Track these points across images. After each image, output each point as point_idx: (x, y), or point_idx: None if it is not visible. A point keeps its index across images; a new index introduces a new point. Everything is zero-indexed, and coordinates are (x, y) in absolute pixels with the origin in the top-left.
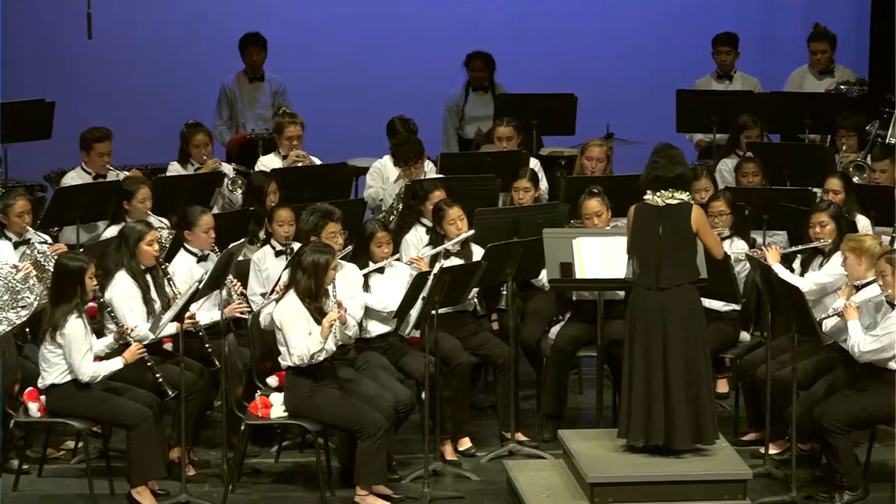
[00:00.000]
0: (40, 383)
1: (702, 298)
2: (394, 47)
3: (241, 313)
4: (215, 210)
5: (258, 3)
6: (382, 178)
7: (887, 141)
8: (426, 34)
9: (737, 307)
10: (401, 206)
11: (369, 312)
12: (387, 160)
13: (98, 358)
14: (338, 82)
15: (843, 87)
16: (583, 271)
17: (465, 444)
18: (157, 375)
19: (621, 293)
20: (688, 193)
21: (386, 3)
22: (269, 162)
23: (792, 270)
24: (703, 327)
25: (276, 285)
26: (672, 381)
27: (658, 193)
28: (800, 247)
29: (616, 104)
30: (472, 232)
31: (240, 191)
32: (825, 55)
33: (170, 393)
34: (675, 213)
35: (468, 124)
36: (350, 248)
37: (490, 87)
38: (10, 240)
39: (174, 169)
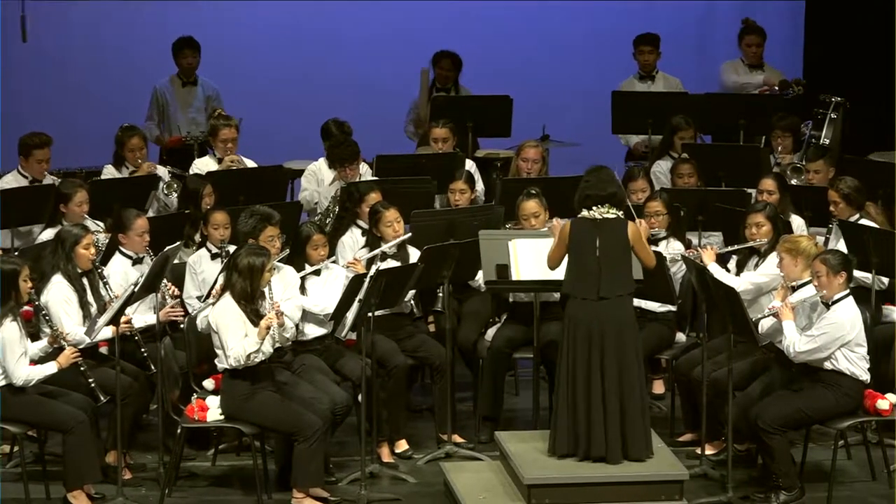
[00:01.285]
0: None
1: (638, 299)
2: (328, 50)
3: (176, 316)
4: (150, 213)
5: (192, 6)
6: (318, 180)
7: (821, 142)
8: (360, 37)
9: (672, 308)
10: (337, 209)
11: (306, 315)
12: (322, 163)
13: (33, 362)
14: (273, 85)
15: (776, 88)
16: (519, 273)
17: (402, 446)
18: (90, 380)
19: (557, 295)
20: (622, 212)
21: (319, 7)
22: (203, 165)
23: (728, 271)
24: (637, 339)
25: (212, 288)
26: (608, 394)
27: (593, 209)
28: (735, 247)
29: (552, 106)
30: (408, 234)
31: (175, 194)
32: (759, 49)
33: (102, 398)
34: (611, 227)
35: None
36: (286, 250)
37: (454, 89)
38: None
39: (108, 172)
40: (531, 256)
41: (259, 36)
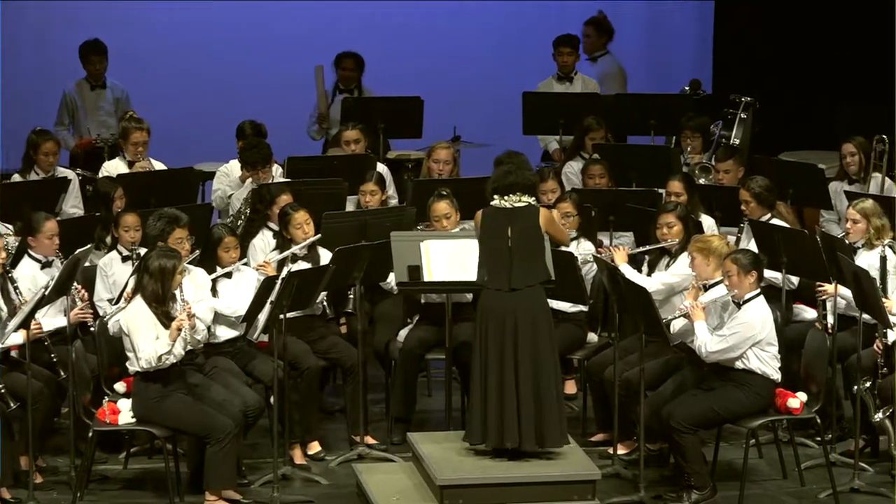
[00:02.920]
0: None
1: (550, 300)
2: (237, 51)
3: (85, 317)
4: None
5: (102, 8)
6: (230, 180)
7: (731, 142)
8: (271, 39)
9: (584, 308)
10: (248, 211)
11: (217, 317)
12: (234, 164)
13: None
14: (182, 87)
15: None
16: (431, 274)
17: (315, 447)
18: (0, 387)
19: (469, 296)
20: (534, 198)
21: (228, 8)
22: (113, 168)
23: (639, 271)
24: (551, 329)
25: (123, 291)
26: (522, 384)
27: (505, 197)
28: (647, 247)
29: (463, 107)
30: (318, 236)
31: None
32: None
33: (11, 405)
34: (523, 215)
35: (332, 128)
36: (197, 252)
37: (358, 90)
38: None
39: (17, 175)
40: (443, 257)
41: (168, 37)
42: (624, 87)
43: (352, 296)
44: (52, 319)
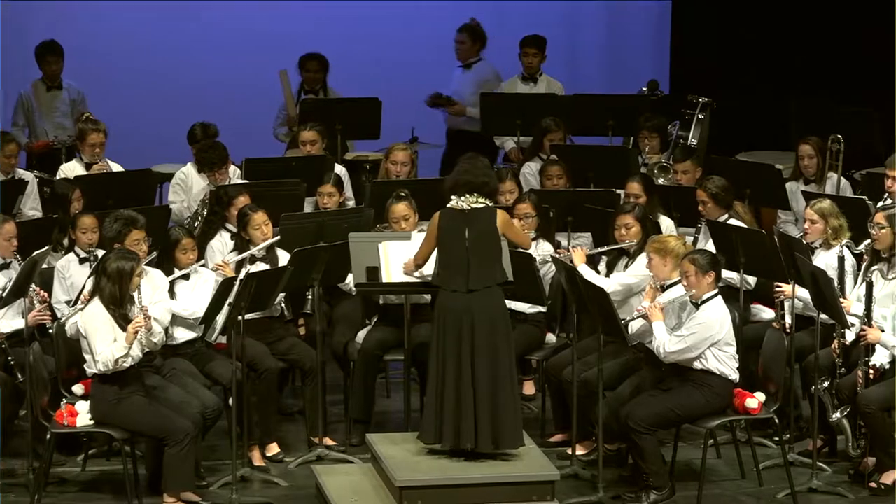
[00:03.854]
0: None
1: (508, 300)
2: (194, 52)
3: (43, 319)
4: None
5: (57, 9)
6: (185, 188)
7: (689, 142)
8: (228, 39)
9: (542, 309)
10: (205, 212)
11: (175, 319)
12: (190, 167)
13: None
14: (140, 88)
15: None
16: (389, 275)
17: (273, 449)
18: None
19: (428, 297)
20: (491, 200)
21: (184, 9)
22: (70, 169)
23: (597, 272)
24: (509, 330)
25: (80, 293)
26: (479, 385)
27: (462, 198)
28: (605, 248)
29: (421, 108)
30: (277, 237)
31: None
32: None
33: None
34: (480, 217)
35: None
36: (155, 254)
37: (323, 91)
38: None
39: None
40: (401, 258)
41: (124, 38)
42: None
43: (310, 297)
44: (9, 321)
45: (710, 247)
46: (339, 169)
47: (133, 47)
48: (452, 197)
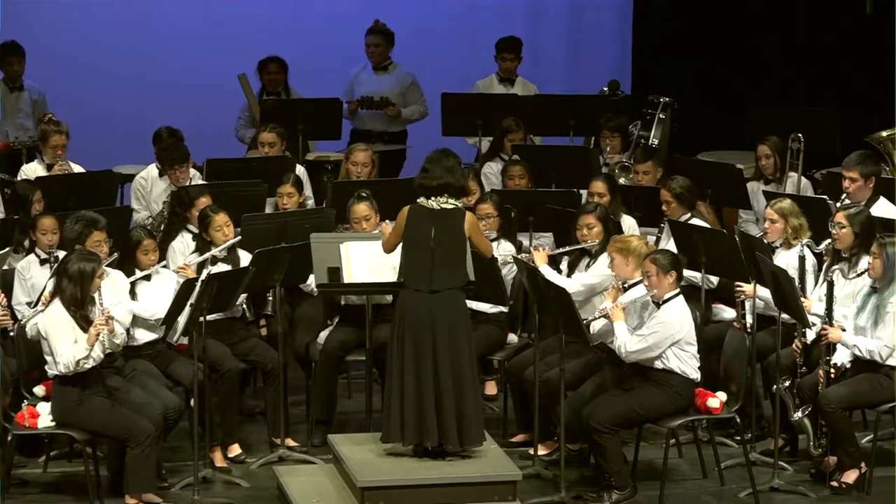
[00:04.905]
0: None
1: (469, 301)
2: (156, 54)
3: (4, 322)
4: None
5: (18, 9)
6: (145, 193)
7: (650, 142)
8: (190, 40)
9: (504, 309)
10: (166, 213)
11: (136, 320)
12: (149, 171)
13: None
14: (101, 89)
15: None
16: (350, 276)
17: (235, 450)
18: None
19: (389, 297)
20: (461, 202)
21: (146, 7)
22: (32, 170)
23: (559, 272)
24: (470, 330)
25: (41, 294)
26: (442, 383)
27: (432, 198)
28: (566, 248)
29: None
30: (238, 238)
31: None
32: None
33: None
34: (448, 218)
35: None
36: (116, 255)
37: (285, 92)
38: None
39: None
40: (363, 259)
41: (85, 38)
42: (419, 91)
43: (272, 298)
44: None
45: (672, 246)
46: (300, 169)
47: (94, 48)
48: (422, 196)
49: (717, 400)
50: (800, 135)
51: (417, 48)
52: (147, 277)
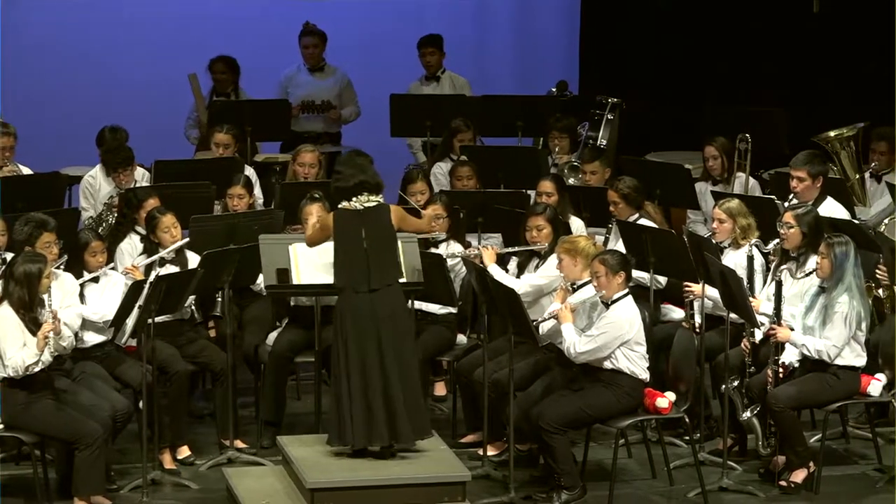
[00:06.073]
0: None
1: (418, 301)
2: (105, 54)
3: None
4: None
5: None
6: (93, 192)
7: (598, 143)
8: (137, 42)
9: (453, 310)
10: (110, 216)
11: (85, 322)
12: (97, 170)
13: None
14: (48, 90)
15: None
16: (299, 277)
17: (184, 452)
18: None
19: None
20: (381, 197)
21: (91, 8)
22: None
23: (508, 272)
24: (411, 325)
25: None
26: (390, 381)
27: (355, 199)
28: (515, 249)
29: None
30: (186, 240)
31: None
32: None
33: None
34: (375, 215)
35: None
36: (64, 257)
37: (234, 93)
38: None
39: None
40: (312, 260)
41: (31, 39)
42: (354, 92)
43: (220, 299)
44: None
45: (620, 247)
46: (249, 171)
47: (41, 49)
48: (343, 199)
49: (665, 400)
50: (747, 135)
51: (362, 49)
52: (95, 279)
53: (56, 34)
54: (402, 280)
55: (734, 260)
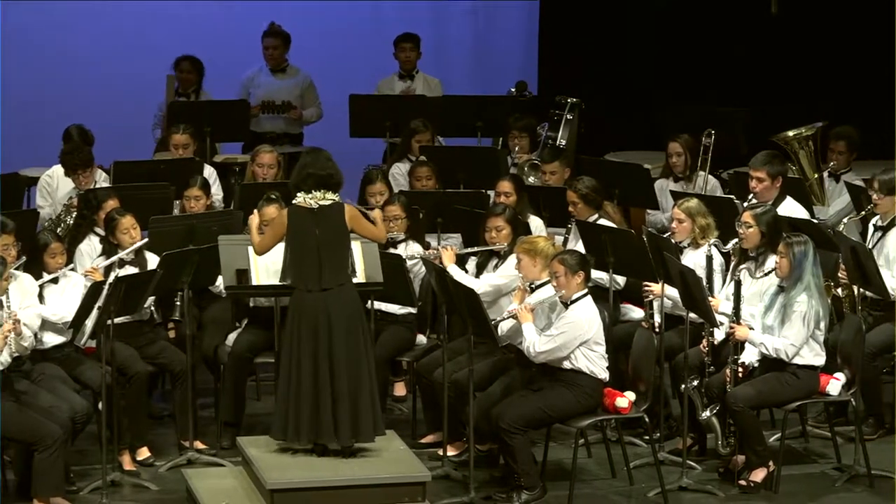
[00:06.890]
0: None
1: (378, 302)
2: (66, 54)
3: None
4: None
5: None
6: (51, 191)
7: (558, 143)
8: (99, 42)
9: (413, 310)
10: (69, 217)
11: (44, 323)
12: (55, 170)
13: None
14: (7, 91)
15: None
16: (259, 278)
17: (144, 453)
18: None
19: None
20: (338, 195)
21: (51, 9)
22: None
23: (467, 272)
24: (366, 324)
25: None
26: (337, 380)
27: (310, 195)
28: (475, 249)
29: None
30: (145, 241)
31: None
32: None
33: None
34: (329, 214)
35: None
36: (23, 258)
37: (196, 94)
38: None
39: None
40: (271, 261)
41: None
42: (316, 93)
43: (179, 301)
44: None
45: (580, 247)
46: (209, 171)
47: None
48: (299, 194)
49: (625, 400)
50: (712, 131)
51: (320, 49)
52: (55, 281)
53: (14, 34)
54: (357, 280)
55: (693, 259)
